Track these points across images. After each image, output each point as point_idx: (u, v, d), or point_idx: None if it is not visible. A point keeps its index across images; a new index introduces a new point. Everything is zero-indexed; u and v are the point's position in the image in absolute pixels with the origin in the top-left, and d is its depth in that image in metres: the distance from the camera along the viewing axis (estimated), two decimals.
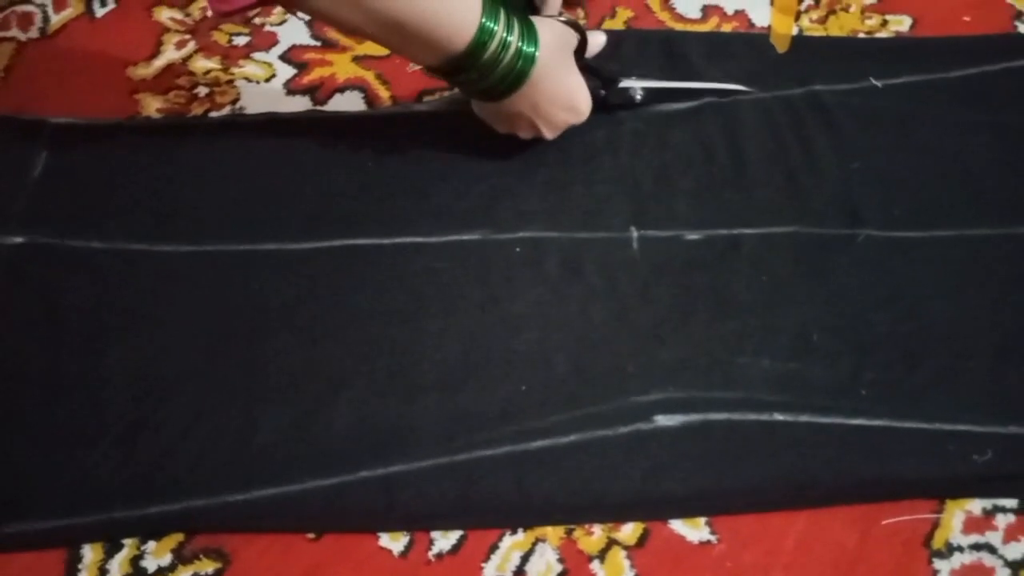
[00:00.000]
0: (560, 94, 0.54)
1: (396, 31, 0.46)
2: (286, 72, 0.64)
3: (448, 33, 0.47)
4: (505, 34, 0.48)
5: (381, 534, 0.46)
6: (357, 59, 0.65)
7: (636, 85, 0.63)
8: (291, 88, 0.63)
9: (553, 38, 0.52)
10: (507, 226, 0.57)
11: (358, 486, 0.47)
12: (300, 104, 0.62)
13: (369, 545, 0.46)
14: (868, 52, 0.70)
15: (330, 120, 0.62)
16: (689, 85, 0.67)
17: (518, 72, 0.50)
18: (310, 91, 0.63)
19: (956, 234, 0.60)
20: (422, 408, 0.50)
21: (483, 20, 0.47)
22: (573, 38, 0.55)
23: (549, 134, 0.57)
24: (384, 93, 0.63)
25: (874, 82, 0.69)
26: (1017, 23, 0.74)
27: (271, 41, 0.66)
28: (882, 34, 0.72)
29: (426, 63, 0.50)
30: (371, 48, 0.66)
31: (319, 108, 0.62)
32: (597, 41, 0.60)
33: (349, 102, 0.63)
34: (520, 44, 0.49)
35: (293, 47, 0.66)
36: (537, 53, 0.50)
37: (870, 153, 0.64)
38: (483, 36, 0.48)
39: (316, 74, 0.64)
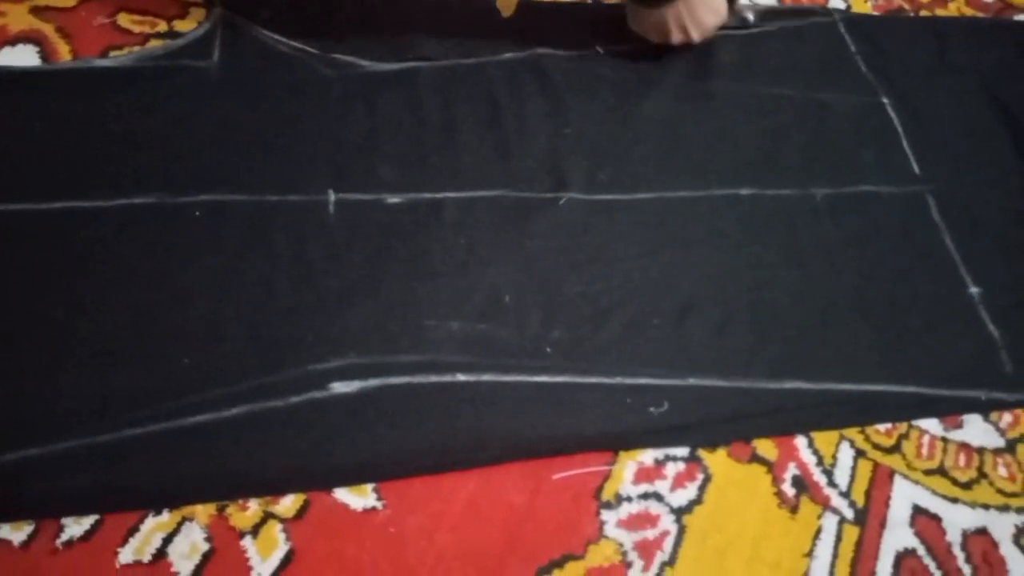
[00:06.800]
0: None
1: None
2: None
3: None
4: None
5: (3, 524, 0.42)
6: (36, 11, 0.59)
7: (748, 2, 0.71)
8: None
9: None
10: (186, 189, 0.53)
11: None
12: None
13: None
14: (595, 19, 0.71)
15: None
16: (797, 5, 0.75)
17: None
18: None
19: (656, 196, 0.62)
20: (68, 388, 0.46)
21: None
22: None
23: (697, 36, 0.67)
24: (64, 48, 0.58)
25: (598, 49, 0.70)
26: None
27: None
28: (611, 1, 0.73)
29: None
30: None
31: None
32: None
33: (21, 56, 0.57)
34: None
35: None
36: None
37: (584, 119, 0.64)
38: None
39: None
